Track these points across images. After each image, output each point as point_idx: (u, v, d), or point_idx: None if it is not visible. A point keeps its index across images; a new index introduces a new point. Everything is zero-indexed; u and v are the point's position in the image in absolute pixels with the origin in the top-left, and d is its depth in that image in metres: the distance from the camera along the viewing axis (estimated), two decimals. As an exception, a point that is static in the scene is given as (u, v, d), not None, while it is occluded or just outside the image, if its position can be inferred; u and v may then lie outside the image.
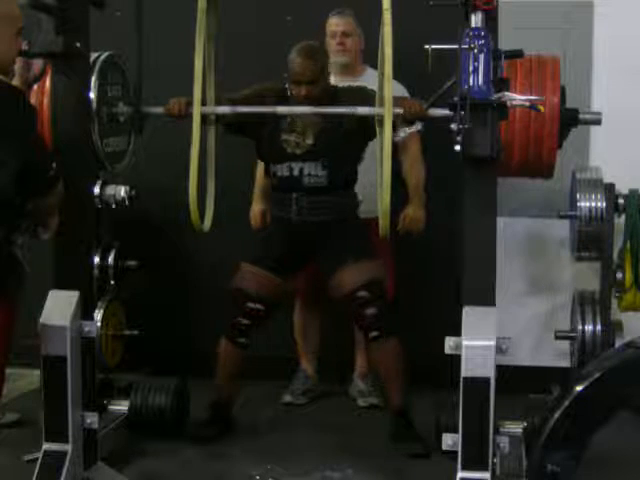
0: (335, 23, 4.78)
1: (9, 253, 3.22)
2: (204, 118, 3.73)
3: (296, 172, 4.29)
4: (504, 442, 3.54)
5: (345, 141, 4.25)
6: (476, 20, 3.33)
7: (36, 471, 3.52)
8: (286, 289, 4.44)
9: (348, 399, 4.93)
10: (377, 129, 3.75)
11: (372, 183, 4.08)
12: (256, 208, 4.81)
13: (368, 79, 4.54)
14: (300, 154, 4.28)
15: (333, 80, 4.58)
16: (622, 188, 4.36)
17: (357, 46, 4.81)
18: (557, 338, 4.54)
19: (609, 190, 4.31)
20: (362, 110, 3.84)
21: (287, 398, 4.91)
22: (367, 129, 3.94)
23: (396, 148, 4.51)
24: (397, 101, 3.66)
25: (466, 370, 3.35)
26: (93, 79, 3.69)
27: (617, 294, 4.41)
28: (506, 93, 3.29)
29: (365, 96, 4.05)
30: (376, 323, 4.21)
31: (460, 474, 3.38)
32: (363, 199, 4.42)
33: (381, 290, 4.26)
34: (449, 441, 3.44)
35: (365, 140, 4.24)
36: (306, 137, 4.28)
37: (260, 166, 4.67)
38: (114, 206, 4.61)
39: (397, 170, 4.57)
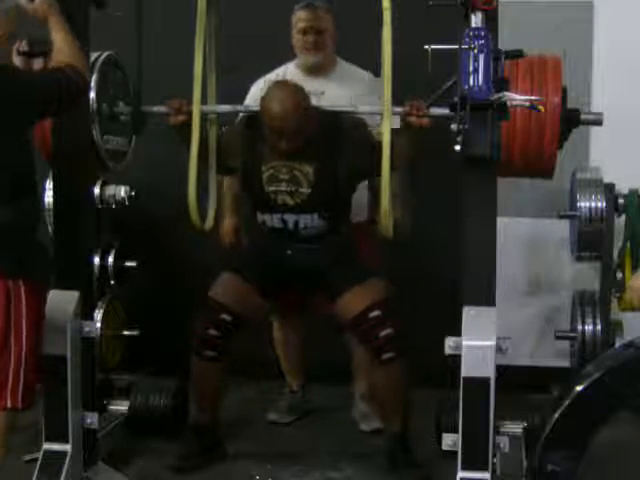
0: (305, 18, 4.21)
1: (33, 233, 3.22)
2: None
3: (290, 225, 3.88)
4: (504, 442, 3.54)
5: (345, 183, 3.88)
6: (476, 20, 3.33)
7: (36, 471, 3.52)
8: (264, 305, 4.06)
9: (345, 417, 4.56)
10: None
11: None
12: (228, 223, 4.38)
13: (341, 75, 4.26)
14: (293, 205, 3.84)
15: (297, 79, 4.10)
16: (622, 188, 4.36)
17: (332, 42, 4.27)
18: (557, 338, 4.54)
19: (609, 190, 4.31)
20: (363, 109, 3.84)
21: (272, 416, 4.55)
22: (372, 167, 3.60)
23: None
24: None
25: (466, 370, 3.35)
26: (94, 79, 3.69)
27: (617, 294, 4.41)
28: (506, 93, 3.29)
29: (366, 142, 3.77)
30: (391, 344, 3.85)
31: (460, 474, 3.38)
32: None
33: (393, 309, 3.90)
34: (449, 441, 3.44)
35: (362, 178, 3.96)
36: (300, 185, 3.83)
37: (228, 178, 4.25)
38: (114, 206, 4.61)
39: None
